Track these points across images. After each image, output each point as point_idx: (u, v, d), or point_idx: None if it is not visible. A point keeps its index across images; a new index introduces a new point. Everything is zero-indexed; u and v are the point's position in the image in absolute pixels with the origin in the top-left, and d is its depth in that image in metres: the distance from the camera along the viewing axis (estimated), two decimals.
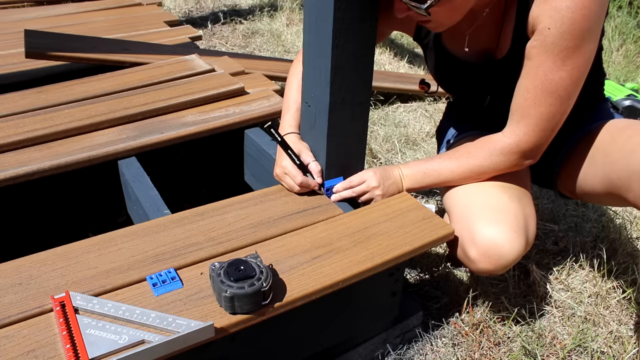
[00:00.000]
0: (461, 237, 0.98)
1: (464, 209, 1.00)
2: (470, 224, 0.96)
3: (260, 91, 1.53)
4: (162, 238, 0.93)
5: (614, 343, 1.16)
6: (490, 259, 0.94)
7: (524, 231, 0.95)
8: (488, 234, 0.93)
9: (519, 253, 0.94)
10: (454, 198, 1.05)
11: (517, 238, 0.93)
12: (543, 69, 0.89)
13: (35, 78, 1.76)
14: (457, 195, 1.04)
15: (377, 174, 1.05)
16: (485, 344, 1.14)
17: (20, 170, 1.13)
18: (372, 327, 1.07)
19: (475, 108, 1.18)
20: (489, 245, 0.93)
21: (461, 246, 0.98)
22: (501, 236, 0.93)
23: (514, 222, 0.95)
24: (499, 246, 0.93)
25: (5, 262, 0.86)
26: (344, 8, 0.87)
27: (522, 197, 1.01)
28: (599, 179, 1.00)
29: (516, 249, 0.93)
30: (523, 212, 0.98)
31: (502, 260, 0.93)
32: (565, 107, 0.92)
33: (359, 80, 0.98)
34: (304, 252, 0.90)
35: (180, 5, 3.48)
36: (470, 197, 1.01)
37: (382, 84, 2.22)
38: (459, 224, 0.99)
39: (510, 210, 0.96)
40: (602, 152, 1.01)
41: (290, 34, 3.04)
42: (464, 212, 0.99)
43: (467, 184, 1.04)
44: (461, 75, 1.10)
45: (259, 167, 1.38)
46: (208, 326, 0.72)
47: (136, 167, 1.22)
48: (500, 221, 0.94)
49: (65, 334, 0.71)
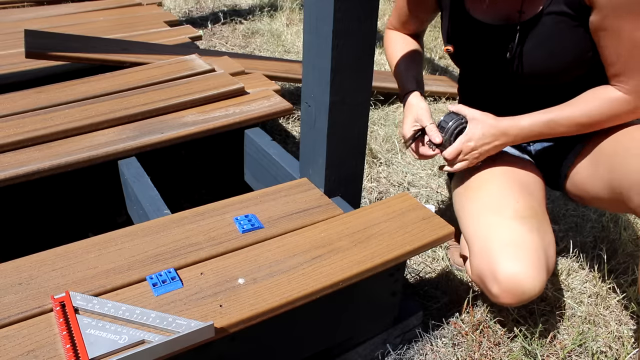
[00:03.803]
0: (482, 272, 0.98)
1: (484, 242, 0.99)
2: (492, 261, 0.96)
3: (260, 91, 1.53)
4: (162, 238, 0.93)
5: (614, 343, 1.16)
6: (513, 295, 0.94)
7: (544, 265, 0.96)
8: (510, 273, 0.94)
9: (540, 288, 0.95)
10: (473, 228, 1.04)
11: (538, 274, 0.94)
12: (627, 33, 0.89)
13: (35, 78, 1.76)
14: (476, 226, 1.03)
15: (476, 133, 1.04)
16: (485, 344, 1.14)
17: (20, 170, 1.13)
18: (372, 327, 1.07)
19: (488, 87, 1.15)
20: (511, 283, 0.94)
21: (482, 280, 0.99)
22: (523, 274, 0.93)
23: (535, 257, 0.95)
24: (521, 283, 0.93)
25: (5, 262, 0.86)
26: (344, 8, 0.87)
27: (540, 226, 1.01)
28: (602, 184, 1.00)
29: (538, 284, 0.94)
30: (542, 243, 0.98)
31: (524, 295, 0.94)
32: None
33: (359, 81, 0.98)
34: (304, 252, 0.90)
35: (180, 5, 3.48)
36: (490, 231, 1.00)
37: (382, 84, 2.22)
38: (480, 258, 0.99)
39: (531, 245, 0.96)
40: (606, 156, 1.00)
41: (290, 34, 3.04)
42: (485, 247, 0.99)
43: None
44: (478, 38, 1.07)
45: (259, 167, 1.38)
46: (208, 326, 0.72)
47: (136, 167, 1.22)
48: (521, 259, 0.94)
49: (65, 334, 0.71)
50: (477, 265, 0.99)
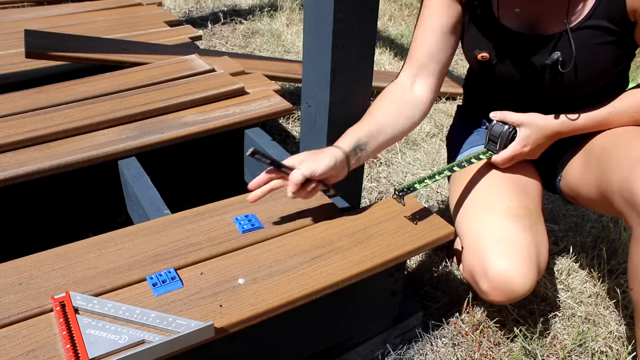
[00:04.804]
0: (473, 268, 0.98)
1: (476, 239, 0.99)
2: (483, 257, 0.96)
3: (260, 91, 1.53)
4: (162, 238, 0.93)
5: (614, 343, 1.16)
6: (503, 293, 0.94)
7: (535, 263, 0.96)
8: (500, 270, 0.94)
9: (530, 286, 0.94)
10: (467, 224, 1.04)
11: (529, 272, 0.94)
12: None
13: (35, 78, 1.76)
14: (470, 222, 1.03)
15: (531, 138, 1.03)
16: (485, 344, 1.14)
17: (20, 170, 1.13)
18: (372, 327, 1.07)
19: (507, 93, 1.11)
20: (501, 280, 0.93)
21: (472, 276, 0.99)
22: (513, 272, 0.93)
23: (526, 255, 0.95)
24: (511, 281, 0.93)
25: (5, 262, 0.86)
26: (344, 8, 0.87)
27: (534, 224, 1.00)
28: (593, 186, 1.00)
29: (528, 283, 0.94)
30: (535, 242, 0.98)
31: (514, 294, 0.94)
32: None
33: (359, 81, 0.98)
34: (304, 252, 0.90)
35: (180, 5, 3.48)
36: (483, 227, 1.00)
37: (382, 84, 2.22)
38: (471, 254, 0.99)
39: (523, 243, 0.96)
40: (597, 158, 1.00)
41: (290, 34, 3.04)
42: (476, 243, 0.99)
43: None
44: (510, 46, 1.02)
45: (259, 167, 1.38)
46: (208, 326, 0.72)
47: (136, 167, 1.22)
48: (512, 256, 0.94)
49: (65, 334, 0.71)
50: (468, 261, 0.99)
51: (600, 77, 0.98)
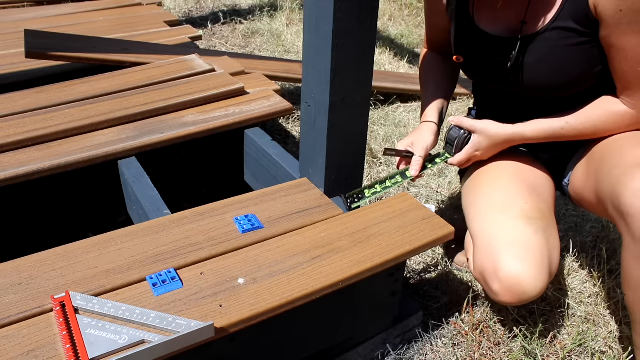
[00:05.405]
0: (484, 269, 0.98)
1: (489, 240, 0.99)
2: (495, 258, 0.96)
3: (260, 91, 1.53)
4: (162, 238, 0.93)
5: (614, 343, 1.16)
6: (513, 294, 0.94)
7: (547, 266, 0.96)
8: (512, 272, 0.94)
9: (541, 289, 0.94)
10: (479, 223, 1.04)
11: (540, 275, 0.94)
12: (631, 49, 0.90)
13: (35, 78, 1.76)
14: (482, 223, 1.03)
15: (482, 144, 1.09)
16: (485, 344, 1.14)
17: (20, 170, 1.13)
18: (372, 327, 1.07)
19: (498, 95, 1.15)
20: (513, 282, 0.94)
21: (483, 276, 0.99)
22: (525, 274, 0.93)
23: (538, 258, 0.95)
24: (522, 283, 0.93)
25: (5, 262, 0.86)
26: (344, 8, 0.87)
27: (547, 228, 1.00)
28: (592, 192, 1.00)
29: (539, 285, 0.94)
30: (547, 245, 0.98)
31: (524, 295, 0.94)
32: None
33: (359, 81, 0.98)
34: (304, 252, 0.90)
35: (180, 5, 3.48)
36: (496, 228, 1.00)
37: (382, 84, 2.22)
38: (483, 254, 0.99)
39: (536, 246, 0.96)
40: (595, 165, 1.01)
41: (290, 34, 3.04)
42: (489, 244, 0.99)
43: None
44: (483, 48, 1.07)
45: (259, 167, 1.38)
46: (208, 326, 0.72)
47: (136, 167, 1.22)
48: (524, 259, 0.94)
49: (65, 334, 0.71)
50: (480, 261, 0.99)
51: (578, 79, 0.99)
